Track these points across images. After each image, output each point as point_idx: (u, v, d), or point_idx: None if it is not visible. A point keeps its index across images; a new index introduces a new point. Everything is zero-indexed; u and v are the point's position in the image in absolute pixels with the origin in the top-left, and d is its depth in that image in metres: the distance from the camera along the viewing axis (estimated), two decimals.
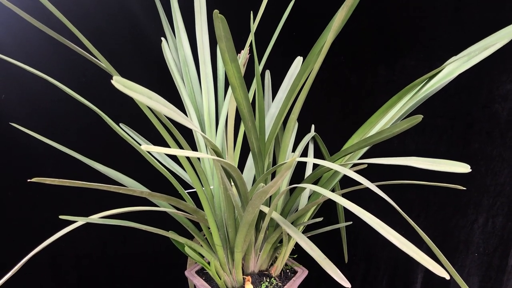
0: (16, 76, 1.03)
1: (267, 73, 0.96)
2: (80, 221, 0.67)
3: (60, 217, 0.64)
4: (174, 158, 0.90)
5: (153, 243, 1.16)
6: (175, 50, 0.91)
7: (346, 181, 0.82)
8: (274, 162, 0.89)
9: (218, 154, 0.57)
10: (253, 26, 0.71)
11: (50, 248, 1.12)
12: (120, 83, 0.40)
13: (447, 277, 0.45)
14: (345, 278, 0.52)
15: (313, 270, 0.89)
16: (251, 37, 0.69)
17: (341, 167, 0.58)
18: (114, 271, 1.22)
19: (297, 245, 0.86)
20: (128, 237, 1.18)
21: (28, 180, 0.49)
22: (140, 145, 0.85)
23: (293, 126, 0.71)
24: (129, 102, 0.69)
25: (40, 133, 0.78)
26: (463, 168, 0.48)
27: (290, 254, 0.88)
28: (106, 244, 1.18)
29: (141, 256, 1.22)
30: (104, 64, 0.59)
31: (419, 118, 0.52)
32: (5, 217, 1.11)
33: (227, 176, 0.64)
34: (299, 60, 0.88)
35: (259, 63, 0.87)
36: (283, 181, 0.45)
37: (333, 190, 0.82)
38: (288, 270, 0.85)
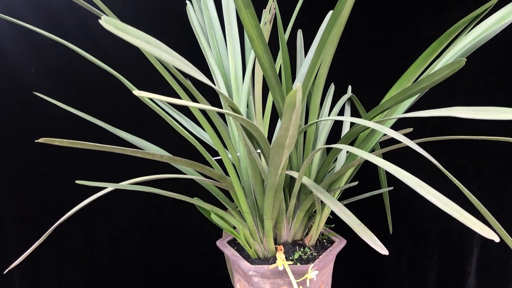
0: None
1: (299, 33, 0.90)
2: (109, 187, 0.66)
3: (81, 182, 0.63)
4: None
5: (187, 215, 1.15)
6: (200, 12, 0.86)
7: (388, 143, 0.75)
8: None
9: (235, 110, 0.52)
10: None
11: (85, 222, 1.13)
12: (110, 23, 0.35)
13: (497, 240, 0.39)
14: (382, 245, 0.46)
15: (355, 240, 0.84)
16: None
17: (376, 124, 0.52)
18: (148, 245, 1.22)
19: (335, 214, 0.81)
20: (161, 210, 1.18)
21: (36, 141, 0.47)
22: (170, 115, 0.83)
23: (322, 83, 0.65)
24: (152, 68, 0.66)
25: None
26: None
27: (327, 224, 0.83)
28: (139, 218, 1.19)
29: (175, 228, 1.22)
30: None
31: (462, 61, 0.45)
32: (39, 189, 1.14)
33: (248, 137, 0.60)
34: (331, 14, 0.81)
35: (289, 19, 0.81)
36: (296, 129, 0.40)
37: (372, 151, 0.76)
38: (324, 240, 0.80)
